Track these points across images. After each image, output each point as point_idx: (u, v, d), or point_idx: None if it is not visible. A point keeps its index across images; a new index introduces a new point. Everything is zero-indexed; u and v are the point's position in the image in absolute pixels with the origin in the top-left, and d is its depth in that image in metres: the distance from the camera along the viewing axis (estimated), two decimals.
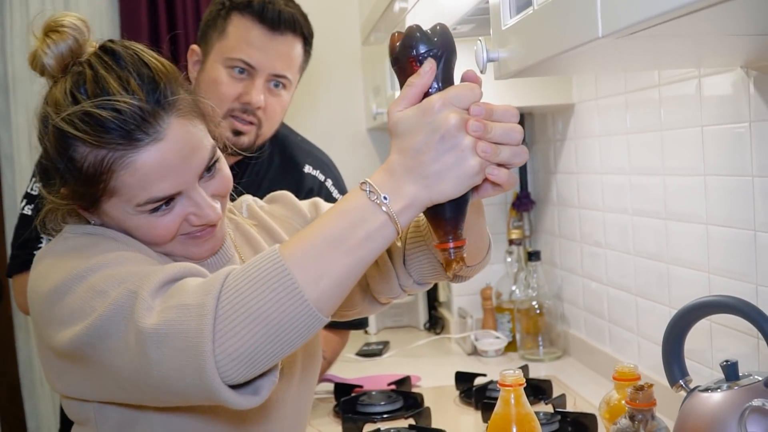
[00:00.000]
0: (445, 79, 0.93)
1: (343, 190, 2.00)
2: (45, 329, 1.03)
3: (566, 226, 2.40)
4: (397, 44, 0.93)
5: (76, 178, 1.03)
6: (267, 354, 0.88)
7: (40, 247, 1.65)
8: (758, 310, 1.17)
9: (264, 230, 1.30)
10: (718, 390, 1.18)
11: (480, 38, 1.29)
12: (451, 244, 0.93)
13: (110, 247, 1.05)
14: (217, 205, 1.09)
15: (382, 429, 1.73)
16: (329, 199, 1.95)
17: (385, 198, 0.87)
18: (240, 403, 0.89)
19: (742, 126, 1.43)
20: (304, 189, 1.92)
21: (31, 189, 1.71)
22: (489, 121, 0.89)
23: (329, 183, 1.98)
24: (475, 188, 0.93)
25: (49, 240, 1.61)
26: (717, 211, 1.53)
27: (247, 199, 1.35)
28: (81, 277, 0.99)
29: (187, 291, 0.91)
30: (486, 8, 1.69)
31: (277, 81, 1.75)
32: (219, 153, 1.12)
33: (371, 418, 1.87)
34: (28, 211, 1.70)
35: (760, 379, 1.17)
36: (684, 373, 1.28)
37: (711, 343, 1.56)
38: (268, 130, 1.79)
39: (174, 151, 1.03)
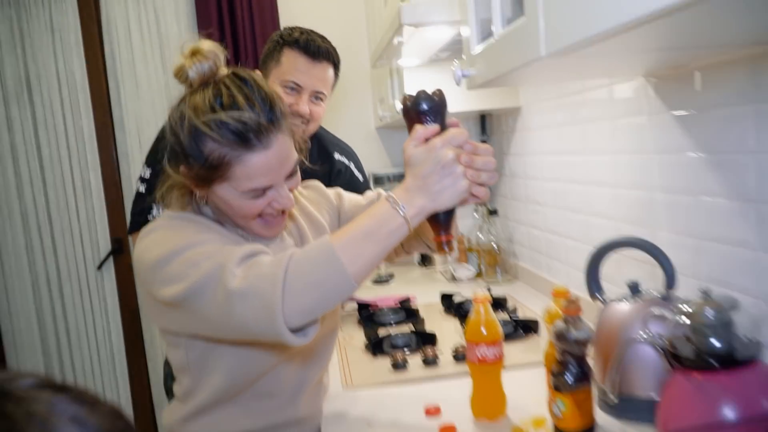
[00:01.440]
0: (441, 126, 0.97)
1: (361, 170, 1.99)
2: (151, 285, 1.02)
3: (516, 192, 2.40)
4: (408, 102, 0.97)
5: (200, 164, 1.01)
6: (318, 311, 0.92)
7: (152, 214, 1.66)
8: (653, 245, 1.17)
9: (303, 212, 1.28)
10: (626, 301, 1.18)
11: (456, 61, 1.29)
12: (444, 237, 0.99)
13: (200, 230, 1.05)
14: (293, 199, 1.09)
15: (392, 333, 1.74)
16: (353, 177, 1.94)
17: (403, 207, 0.92)
18: (295, 342, 0.92)
19: (642, 118, 1.42)
20: (335, 170, 1.92)
21: (144, 174, 1.70)
22: (474, 155, 0.94)
23: (352, 165, 1.98)
24: (462, 200, 0.97)
25: (159, 207, 1.63)
26: (624, 179, 1.53)
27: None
28: (178, 252, 0.99)
29: (262, 264, 0.92)
30: (459, 40, 1.68)
31: (317, 95, 1.73)
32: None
33: (384, 325, 1.89)
34: (142, 189, 1.70)
35: (657, 294, 1.17)
36: (600, 290, 1.29)
37: (619, 269, 1.56)
38: (313, 128, 1.77)
39: (275, 158, 1.02)
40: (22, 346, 3.07)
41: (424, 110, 0.95)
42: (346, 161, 1.96)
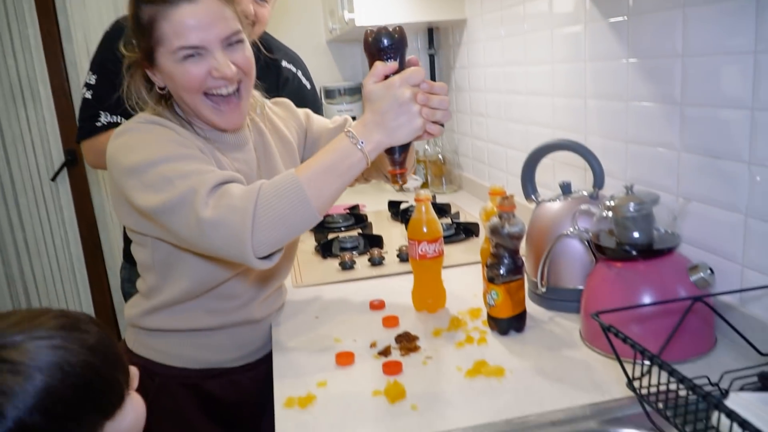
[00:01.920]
0: (399, 63, 0.94)
1: (309, 78, 1.90)
2: (124, 188, 0.99)
3: (461, 104, 2.36)
4: (370, 38, 0.94)
5: (139, 32, 1.00)
6: (284, 241, 0.92)
7: (99, 120, 1.56)
8: (583, 146, 1.16)
9: (272, 126, 1.24)
10: (558, 200, 1.19)
11: None
12: (398, 170, 0.99)
13: (172, 139, 1.01)
14: (234, 68, 1.01)
15: (340, 237, 1.73)
16: (300, 85, 1.85)
17: (361, 142, 0.91)
18: (261, 267, 0.92)
19: (579, 27, 1.39)
20: (282, 78, 1.82)
21: (89, 80, 1.59)
22: (430, 93, 0.92)
23: (300, 74, 1.88)
24: (417, 137, 0.95)
25: (107, 115, 1.54)
26: (560, 88, 1.51)
27: (264, 102, 1.27)
28: (154, 163, 0.96)
29: (233, 195, 0.90)
30: None
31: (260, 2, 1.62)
32: (245, 39, 1.05)
33: (334, 230, 1.88)
34: (88, 95, 1.59)
35: (586, 193, 1.18)
36: (535, 191, 1.29)
37: (554, 174, 1.56)
38: (258, 31, 1.66)
39: (203, 14, 0.97)
40: None
41: (384, 47, 0.93)
42: (293, 69, 1.87)
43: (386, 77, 0.93)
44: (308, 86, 1.90)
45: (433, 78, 2.61)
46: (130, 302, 1.21)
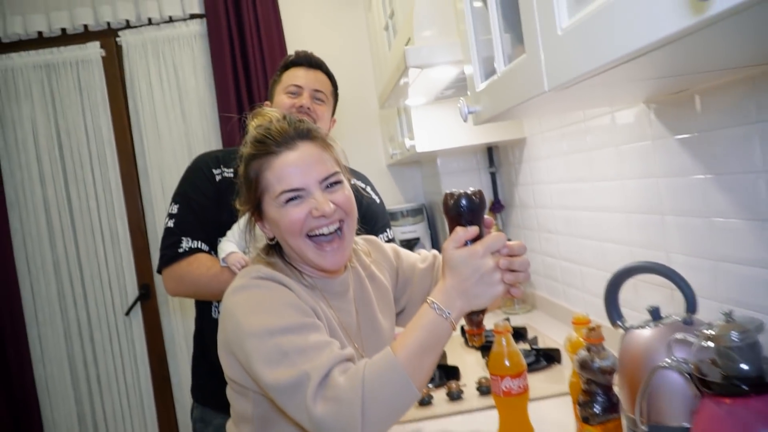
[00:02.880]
0: (478, 224, 0.98)
1: (377, 193, 1.96)
2: (241, 350, 1.00)
3: (527, 221, 2.35)
4: (450, 202, 0.98)
5: (248, 187, 1.08)
6: (390, 424, 0.93)
7: (181, 246, 1.61)
8: (672, 269, 1.12)
9: (368, 273, 1.25)
10: (648, 327, 1.13)
11: (461, 98, 1.27)
12: (476, 330, 1.01)
13: (292, 303, 1.02)
14: (333, 206, 1.05)
15: None
16: (371, 200, 1.88)
17: (448, 313, 0.93)
18: None
19: (646, 143, 1.39)
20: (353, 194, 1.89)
21: (172, 210, 1.68)
22: (511, 256, 0.95)
23: (369, 189, 1.95)
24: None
25: (189, 240, 1.60)
26: (633, 203, 1.49)
27: (356, 245, 1.29)
28: (272, 333, 0.97)
29: (340, 386, 0.91)
30: (463, 78, 1.67)
31: (317, 97, 1.76)
32: (344, 180, 1.10)
33: None
34: (170, 224, 1.67)
35: (678, 318, 1.12)
36: (621, 316, 1.23)
37: (637, 294, 1.50)
38: (320, 126, 1.77)
39: (301, 158, 1.05)
40: (56, 392, 3.04)
41: (464, 210, 0.97)
42: (362, 185, 1.93)
43: (466, 242, 0.96)
44: (377, 200, 1.95)
45: (495, 195, 2.63)
46: None
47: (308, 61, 1.81)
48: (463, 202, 0.96)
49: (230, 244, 1.49)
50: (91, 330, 3.07)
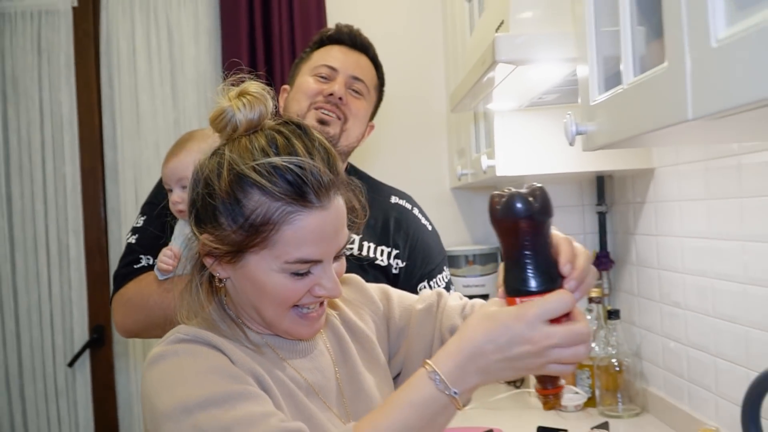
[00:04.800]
0: (540, 242, 0.99)
1: (427, 218, 2.04)
2: None
3: (645, 286, 2.39)
4: (498, 206, 1.00)
5: (238, 225, 1.07)
6: None
7: (139, 263, 1.72)
8: None
9: (341, 318, 1.32)
10: None
11: (569, 113, 1.31)
12: (550, 389, 1.02)
13: (219, 368, 1.07)
14: (339, 287, 1.14)
15: None
16: (419, 226, 1.97)
17: (455, 392, 0.95)
18: None
19: None
20: (392, 216, 1.96)
21: (137, 223, 1.80)
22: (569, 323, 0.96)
23: (416, 211, 2.02)
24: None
25: (149, 259, 1.70)
26: None
27: None
28: (188, 410, 1.02)
29: None
30: (571, 80, 1.72)
31: (355, 88, 1.85)
32: None
33: None
34: (132, 240, 1.79)
35: None
36: None
37: None
38: (353, 128, 1.86)
39: (331, 224, 1.09)
40: None
41: (519, 219, 0.98)
42: (407, 205, 2.00)
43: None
44: (429, 227, 2.01)
45: (602, 245, 2.67)
46: None
47: (351, 39, 1.90)
48: (518, 205, 0.96)
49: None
50: (21, 383, 3.15)
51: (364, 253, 1.89)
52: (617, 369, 2.35)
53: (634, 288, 2.48)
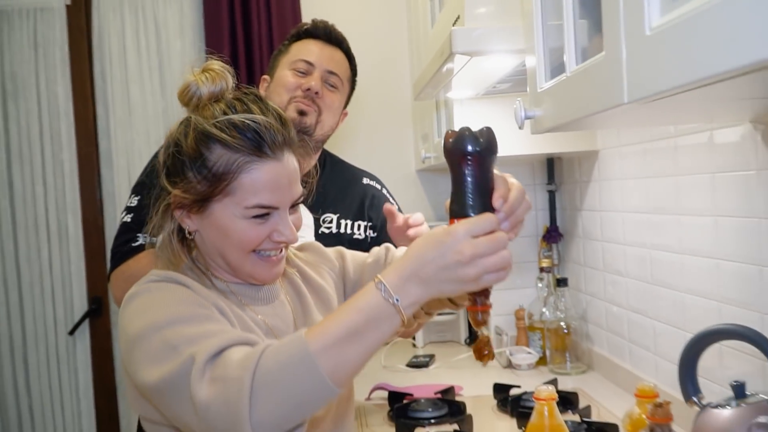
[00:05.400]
0: (481, 175, 1.01)
1: (393, 198, 2.07)
2: (129, 366, 1.08)
3: (590, 257, 2.39)
4: (450, 140, 1.02)
5: (203, 176, 1.11)
6: (293, 420, 0.96)
7: (136, 241, 1.70)
8: (766, 338, 1.15)
9: (303, 277, 1.35)
10: (728, 407, 1.16)
11: (518, 99, 1.32)
12: (479, 306, 1.03)
13: (187, 299, 1.10)
14: (296, 234, 1.17)
15: None
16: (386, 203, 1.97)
17: (397, 300, 0.95)
18: None
19: (750, 173, 1.42)
20: (368, 197, 2.00)
21: (131, 202, 1.77)
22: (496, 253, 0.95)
23: (385, 191, 2.06)
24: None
25: (145, 237, 1.67)
26: (727, 248, 1.52)
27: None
28: (158, 327, 1.04)
29: (230, 364, 0.96)
30: (521, 70, 1.71)
31: (330, 82, 1.86)
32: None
33: (420, 422, 1.87)
34: (127, 219, 1.76)
35: (766, 398, 1.15)
36: (697, 390, 1.27)
37: (721, 363, 1.53)
38: (327, 119, 1.87)
39: (285, 175, 1.14)
40: None
41: (467, 153, 1.00)
42: (377, 186, 2.04)
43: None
44: (395, 206, 2.00)
45: (552, 220, 2.67)
46: None
47: (327, 34, 1.90)
48: (467, 142, 0.99)
49: None
50: (25, 350, 3.14)
51: (342, 230, 1.93)
52: (565, 331, 2.36)
53: (581, 258, 2.48)
